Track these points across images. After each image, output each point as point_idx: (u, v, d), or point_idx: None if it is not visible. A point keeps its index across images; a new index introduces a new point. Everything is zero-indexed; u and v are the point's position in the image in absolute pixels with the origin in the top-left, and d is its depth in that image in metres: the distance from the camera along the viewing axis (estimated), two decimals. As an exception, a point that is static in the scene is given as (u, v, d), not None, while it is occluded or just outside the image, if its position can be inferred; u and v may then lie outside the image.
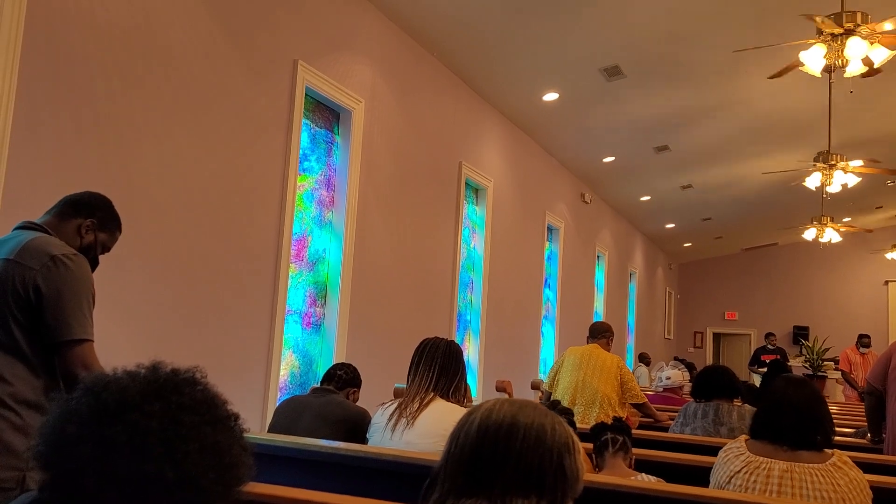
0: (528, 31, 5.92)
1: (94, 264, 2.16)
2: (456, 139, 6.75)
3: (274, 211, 4.38)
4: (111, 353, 2.10)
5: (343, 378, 3.25)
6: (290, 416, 3.06)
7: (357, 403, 3.28)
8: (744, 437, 2.41)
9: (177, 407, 0.93)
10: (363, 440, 2.85)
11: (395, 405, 2.76)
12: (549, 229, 9.39)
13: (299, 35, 4.59)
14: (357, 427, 2.96)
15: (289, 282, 4.53)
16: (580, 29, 5.98)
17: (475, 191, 7.37)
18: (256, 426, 4.00)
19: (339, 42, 5.01)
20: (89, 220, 2.19)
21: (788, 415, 2.27)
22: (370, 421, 2.87)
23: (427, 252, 6.23)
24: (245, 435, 1.00)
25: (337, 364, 3.43)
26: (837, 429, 3.73)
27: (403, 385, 2.88)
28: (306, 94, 4.70)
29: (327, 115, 5.11)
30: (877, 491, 2.37)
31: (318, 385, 3.28)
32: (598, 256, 11.53)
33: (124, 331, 3.38)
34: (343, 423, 2.99)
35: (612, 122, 8.24)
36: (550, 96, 7.27)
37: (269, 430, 3.13)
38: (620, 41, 6.28)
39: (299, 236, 4.77)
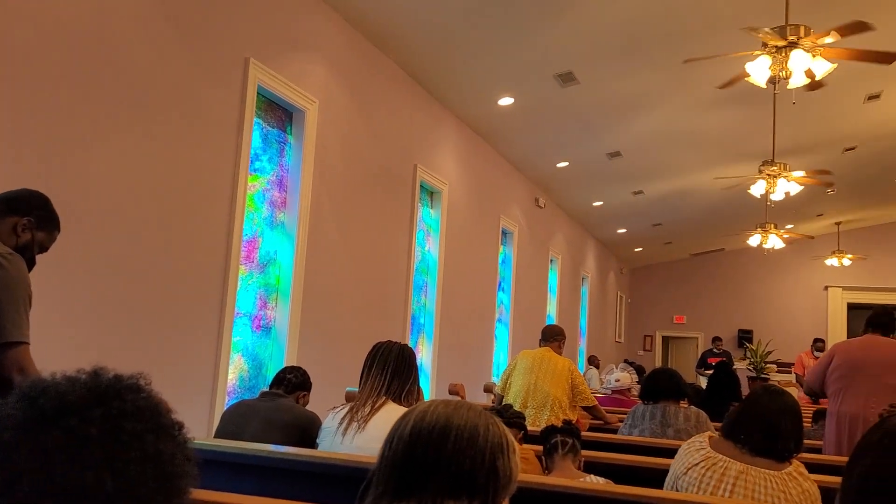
0: (483, 35, 5.96)
1: (30, 264, 2.09)
2: (411, 142, 6.74)
3: (224, 211, 4.30)
4: (49, 356, 2.03)
5: (293, 382, 3.21)
6: (237, 420, 3.01)
7: (308, 407, 3.25)
8: (709, 433, 2.46)
9: (118, 414, 0.90)
10: (313, 445, 2.82)
11: (346, 409, 2.74)
12: (504, 233, 9.45)
13: (251, 32, 4.53)
14: (307, 431, 2.93)
15: (238, 283, 4.46)
16: (535, 34, 6.03)
17: (430, 194, 7.37)
18: (203, 431, 3.92)
19: (293, 41, 4.96)
20: (26, 218, 2.12)
21: (755, 421, 2.32)
22: (320, 425, 2.84)
23: (381, 255, 6.21)
24: (190, 443, 0.97)
25: (286, 367, 3.39)
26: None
27: (355, 389, 2.86)
28: (258, 93, 4.64)
29: (280, 114, 5.05)
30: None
31: (267, 389, 3.24)
32: (551, 260, 11.64)
33: (64, 334, 3.28)
34: (292, 427, 2.95)
35: (566, 127, 8.34)
36: (506, 101, 7.32)
37: (216, 436, 3.07)
38: (574, 48, 6.36)
39: (250, 237, 4.70)
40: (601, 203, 11.85)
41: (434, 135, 7.24)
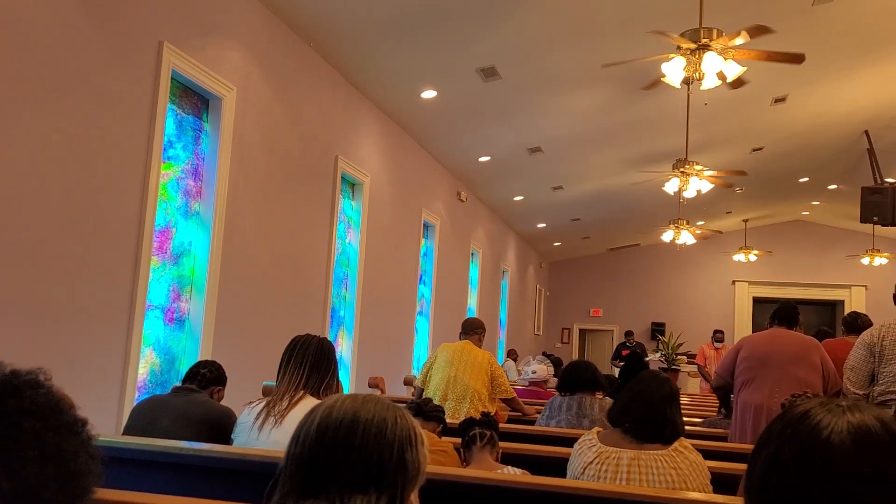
0: (407, 27, 5.93)
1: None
2: (332, 133, 6.66)
3: (135, 200, 4.14)
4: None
5: (207, 376, 3.13)
6: (147, 416, 2.91)
7: (224, 403, 3.18)
8: (597, 429, 2.57)
9: (16, 411, 0.85)
10: (227, 441, 2.76)
11: (262, 404, 2.69)
12: (426, 226, 9.46)
13: (166, 15, 4.36)
14: (221, 427, 2.86)
15: (150, 275, 4.30)
16: (458, 28, 6.05)
17: (351, 185, 7.31)
18: (111, 428, 3.77)
19: (210, 25, 4.81)
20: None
21: (645, 410, 2.44)
22: (235, 420, 2.78)
23: (301, 246, 6.11)
24: (94, 440, 0.93)
25: (200, 362, 3.31)
26: (688, 419, 3.99)
27: (273, 383, 2.82)
28: (172, 79, 4.47)
29: (195, 101, 4.89)
30: (721, 476, 2.56)
31: (180, 384, 3.15)
32: (472, 254, 11.73)
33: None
34: (206, 423, 2.88)
35: (489, 122, 8.41)
36: (429, 94, 7.32)
37: (125, 432, 2.97)
38: (497, 43, 6.42)
39: (163, 227, 4.54)
40: (522, 197, 12.02)
41: (356, 126, 7.17)
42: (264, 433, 2.60)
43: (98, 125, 3.87)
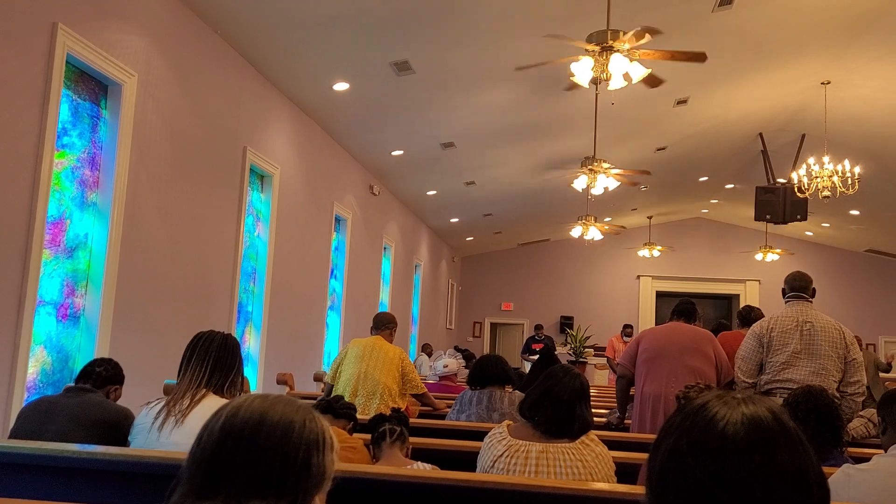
0: (318, 16, 5.82)
1: None
2: (241, 123, 6.47)
3: (24, 189, 3.90)
4: None
5: (102, 375, 2.99)
6: (38, 418, 2.75)
7: (122, 403, 3.04)
8: (507, 422, 2.61)
9: None
10: (124, 443, 2.64)
11: (162, 403, 2.58)
12: (337, 220, 9.35)
13: (60, -5, 4.12)
14: (117, 428, 2.74)
15: (41, 269, 4.06)
16: (370, 19, 5.98)
17: (261, 177, 7.13)
18: (-3, 432, 3.55)
19: (108, 7, 4.58)
20: None
21: (553, 404, 2.49)
22: (133, 421, 2.66)
23: (206, 239, 5.92)
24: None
25: (95, 360, 3.15)
26: (595, 410, 4.10)
27: (175, 382, 2.71)
28: (67, 63, 4.23)
29: (93, 86, 4.65)
30: (623, 465, 2.64)
31: (73, 384, 2.99)
32: (384, 248, 11.68)
33: None
34: (101, 424, 2.75)
35: (402, 116, 8.37)
36: (341, 86, 7.22)
37: (12, 436, 2.79)
38: (411, 37, 6.39)
39: (56, 219, 4.30)
40: (435, 192, 12.05)
41: (265, 117, 6.99)
42: (164, 434, 2.50)
43: (-17, 109, 3.62)
